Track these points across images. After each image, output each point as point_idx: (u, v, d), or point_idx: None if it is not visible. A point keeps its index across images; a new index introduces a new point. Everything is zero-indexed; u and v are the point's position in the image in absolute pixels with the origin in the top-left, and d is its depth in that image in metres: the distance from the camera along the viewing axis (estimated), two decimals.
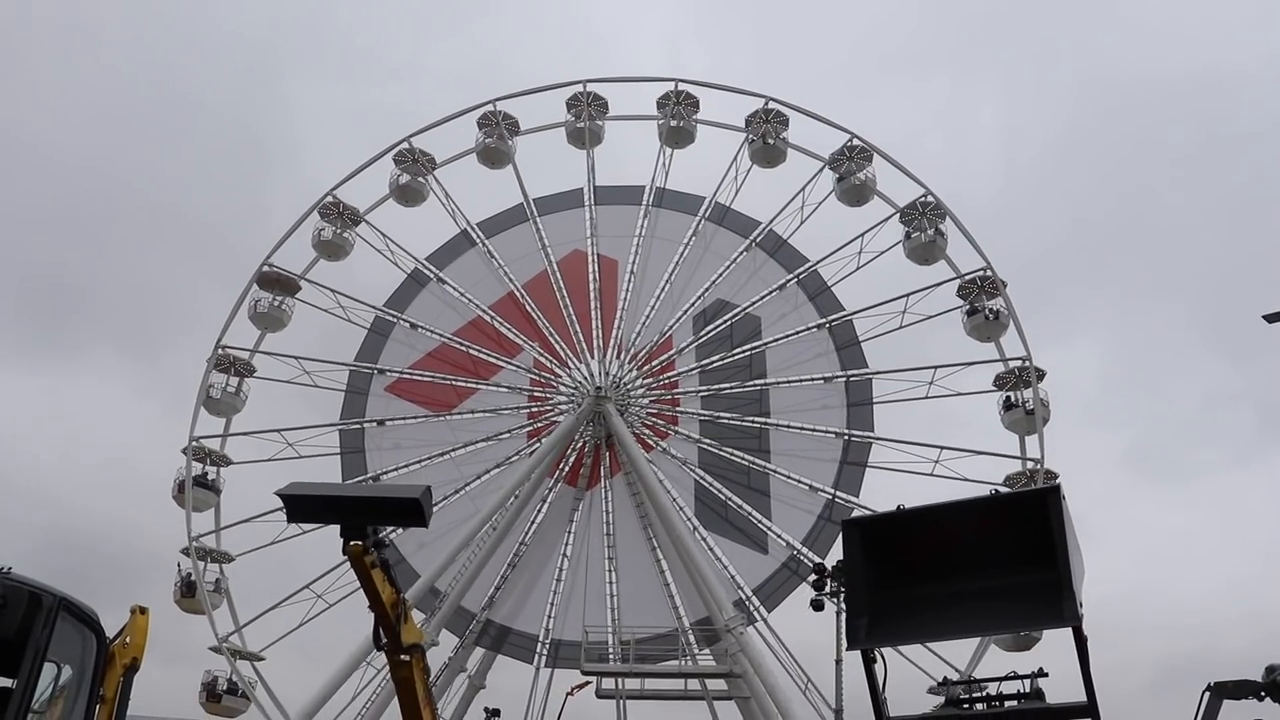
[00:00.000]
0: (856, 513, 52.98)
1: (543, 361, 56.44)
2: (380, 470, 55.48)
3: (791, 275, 56.93)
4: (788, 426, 54.60)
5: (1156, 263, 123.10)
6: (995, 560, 8.61)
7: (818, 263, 57.04)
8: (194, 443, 54.70)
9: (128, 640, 13.41)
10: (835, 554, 52.40)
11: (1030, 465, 52.33)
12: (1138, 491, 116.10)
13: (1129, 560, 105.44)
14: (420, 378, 56.74)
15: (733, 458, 54.41)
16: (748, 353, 56.06)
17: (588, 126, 60.46)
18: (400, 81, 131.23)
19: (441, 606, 52.79)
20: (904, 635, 9.27)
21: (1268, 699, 17.47)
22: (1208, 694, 18.49)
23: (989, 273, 54.90)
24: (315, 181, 59.76)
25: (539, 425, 56.03)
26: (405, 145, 59.44)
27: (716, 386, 55.95)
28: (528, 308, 57.47)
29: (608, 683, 49.68)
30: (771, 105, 58.56)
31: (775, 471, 53.95)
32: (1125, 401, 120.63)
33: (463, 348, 57.00)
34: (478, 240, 59.27)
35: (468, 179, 62.06)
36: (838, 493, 52.97)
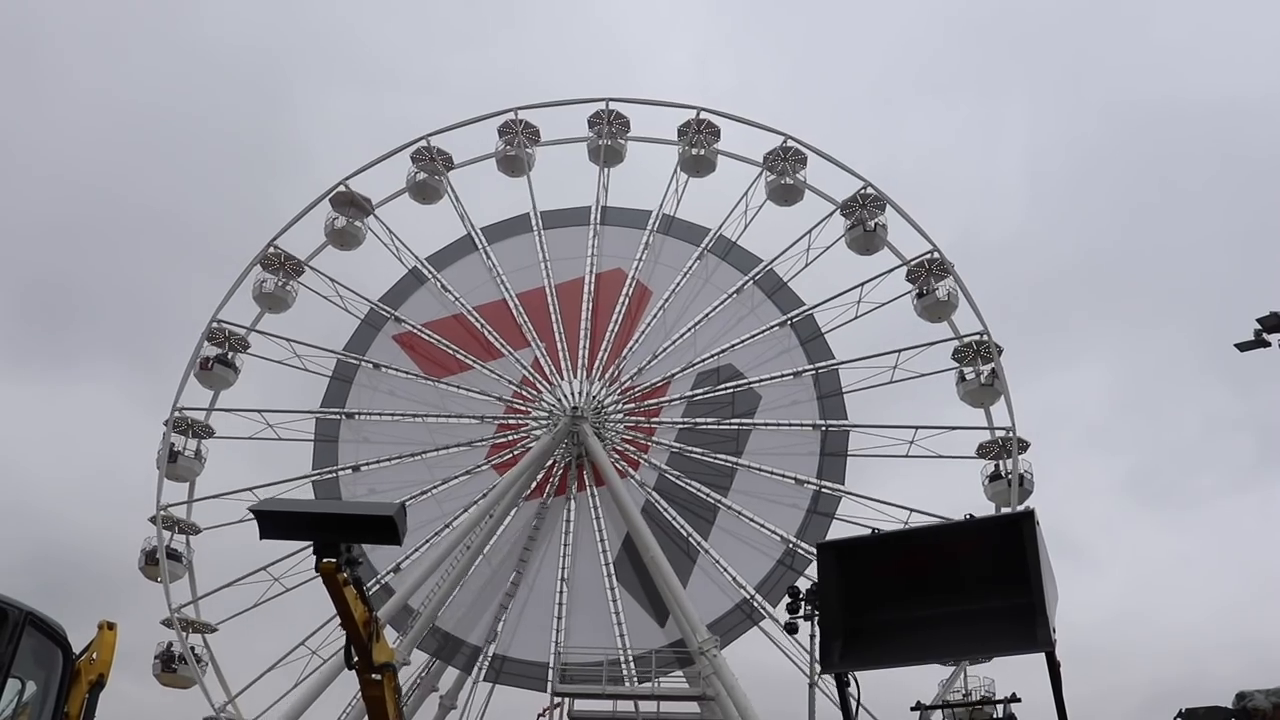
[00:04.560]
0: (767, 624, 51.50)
1: (541, 365, 56.56)
2: (358, 409, 57.27)
3: (809, 367, 54.92)
4: (739, 513, 53.00)
5: (1166, 287, 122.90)
6: (969, 584, 8.64)
7: (842, 363, 54.90)
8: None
9: (94, 656, 13.10)
10: (734, 647, 51.33)
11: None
12: (1137, 516, 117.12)
13: (1126, 585, 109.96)
14: (426, 337, 57.93)
15: (673, 521, 53.24)
16: (736, 426, 54.56)
17: (695, 153, 59.73)
18: (419, 95, 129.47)
19: (414, 625, 52.27)
20: (877, 659, 9.20)
21: None
22: None
23: (1010, 432, 51.97)
24: (311, 219, 59.93)
25: (510, 421, 56.38)
26: (511, 115, 60.63)
27: (689, 448, 54.79)
28: (551, 308, 57.62)
29: (580, 704, 48.71)
30: (870, 190, 56.50)
31: (707, 551, 52.58)
32: (1128, 426, 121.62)
33: (478, 324, 57.78)
34: (534, 227, 59.71)
35: (568, 166, 63.23)
36: (756, 594, 51.19)
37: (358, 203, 59.93)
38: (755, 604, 50.89)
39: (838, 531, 52.46)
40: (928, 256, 55.28)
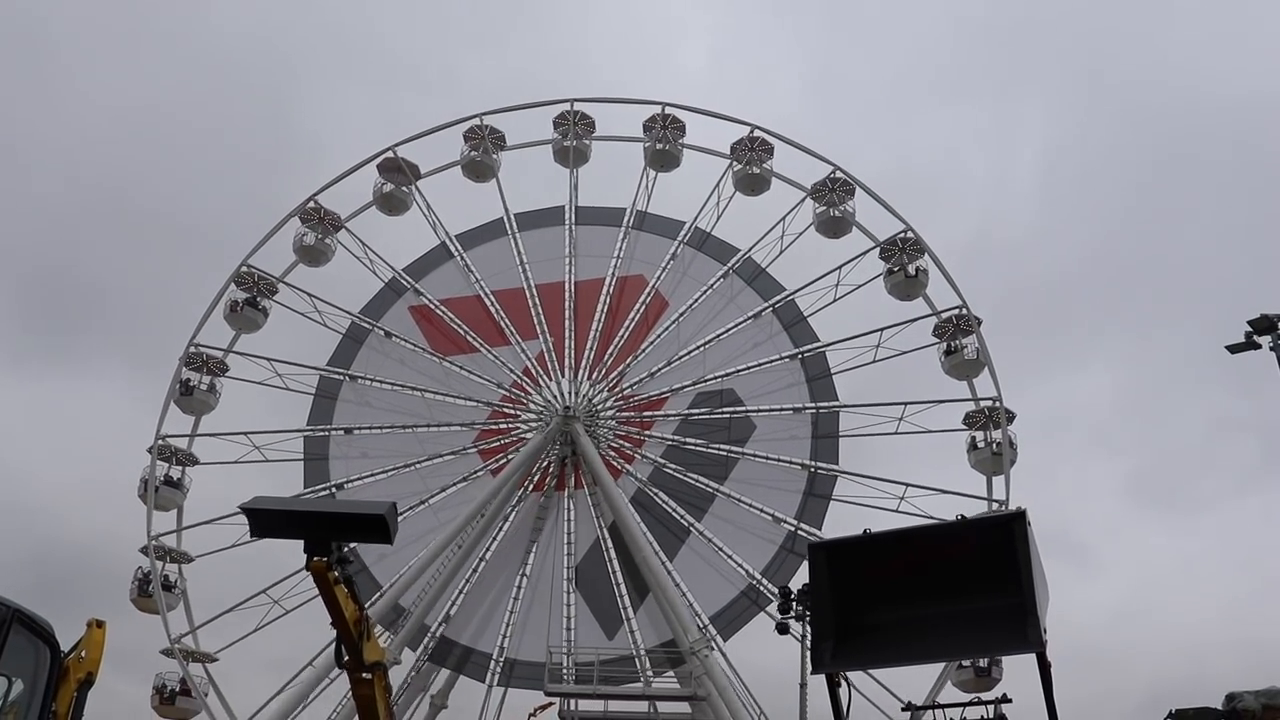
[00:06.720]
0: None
1: (545, 358, 56.19)
2: (363, 372, 57.62)
3: (811, 405, 53.69)
4: (710, 539, 52.18)
5: (1173, 288, 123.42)
6: (961, 585, 8.71)
7: (845, 406, 53.55)
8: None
9: (83, 654, 13.27)
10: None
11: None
12: (1141, 518, 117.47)
13: (1129, 585, 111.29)
14: (441, 313, 58.07)
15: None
16: (725, 453, 53.66)
17: (753, 171, 58.68)
18: (430, 95, 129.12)
19: (405, 624, 52.38)
20: (869, 659, 9.49)
21: None
22: None
23: (1004, 505, 50.02)
24: (336, 194, 59.75)
25: (505, 409, 56.16)
26: (567, 106, 60.46)
27: (673, 466, 54.02)
28: (566, 304, 57.26)
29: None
30: (909, 234, 55.04)
31: (671, 573, 51.76)
32: (1133, 427, 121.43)
33: (493, 308, 57.75)
34: (566, 221, 59.43)
35: (626, 165, 62.36)
36: (710, 625, 50.40)
37: (404, 169, 60.43)
38: (708, 635, 49.98)
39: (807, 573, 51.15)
40: (956, 311, 53.82)
